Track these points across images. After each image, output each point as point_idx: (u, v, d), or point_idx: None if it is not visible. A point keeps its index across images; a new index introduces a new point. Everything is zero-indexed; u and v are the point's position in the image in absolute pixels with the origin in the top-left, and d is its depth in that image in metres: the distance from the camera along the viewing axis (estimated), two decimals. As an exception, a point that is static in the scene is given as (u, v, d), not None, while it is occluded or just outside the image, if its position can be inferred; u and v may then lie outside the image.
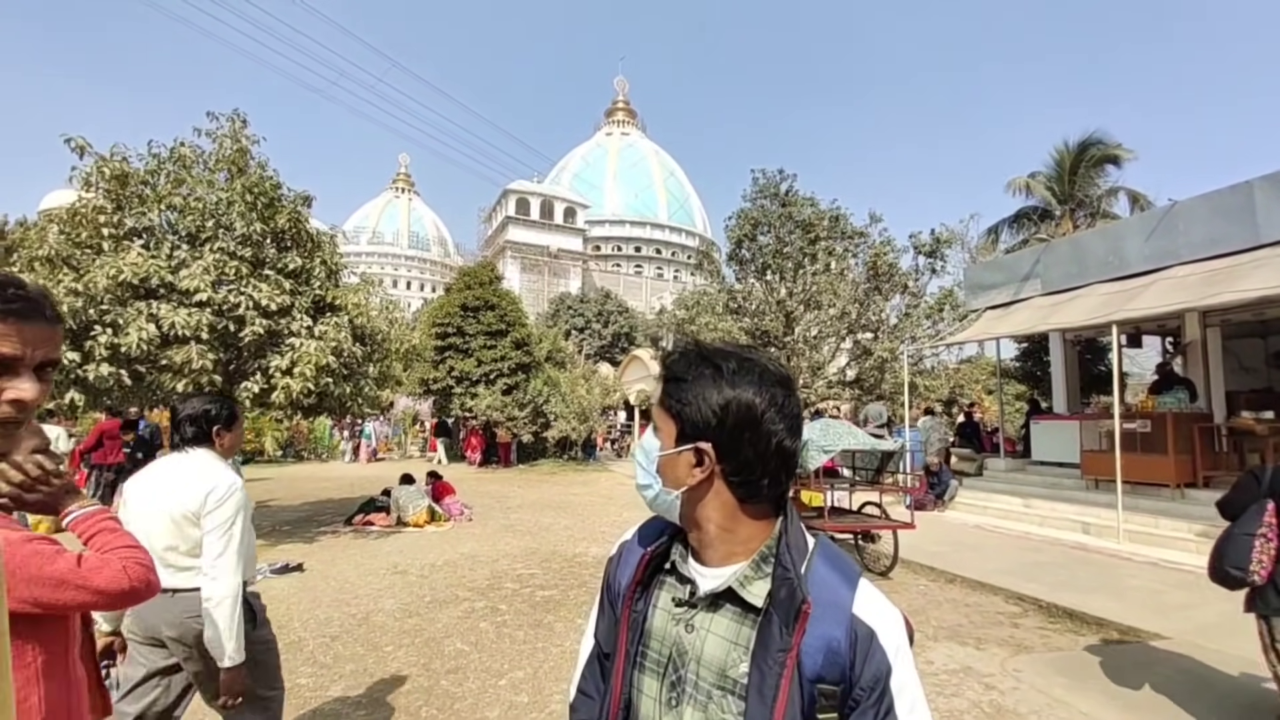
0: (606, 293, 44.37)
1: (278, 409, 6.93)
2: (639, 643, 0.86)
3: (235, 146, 6.76)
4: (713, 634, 0.80)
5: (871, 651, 0.74)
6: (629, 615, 0.87)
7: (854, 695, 0.74)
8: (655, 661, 0.84)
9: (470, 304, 18.73)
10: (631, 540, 0.96)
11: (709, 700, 0.77)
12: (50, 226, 6.31)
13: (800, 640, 0.74)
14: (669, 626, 0.83)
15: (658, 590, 0.87)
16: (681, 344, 0.88)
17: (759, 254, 17.72)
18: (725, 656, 0.78)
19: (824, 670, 0.74)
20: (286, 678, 3.76)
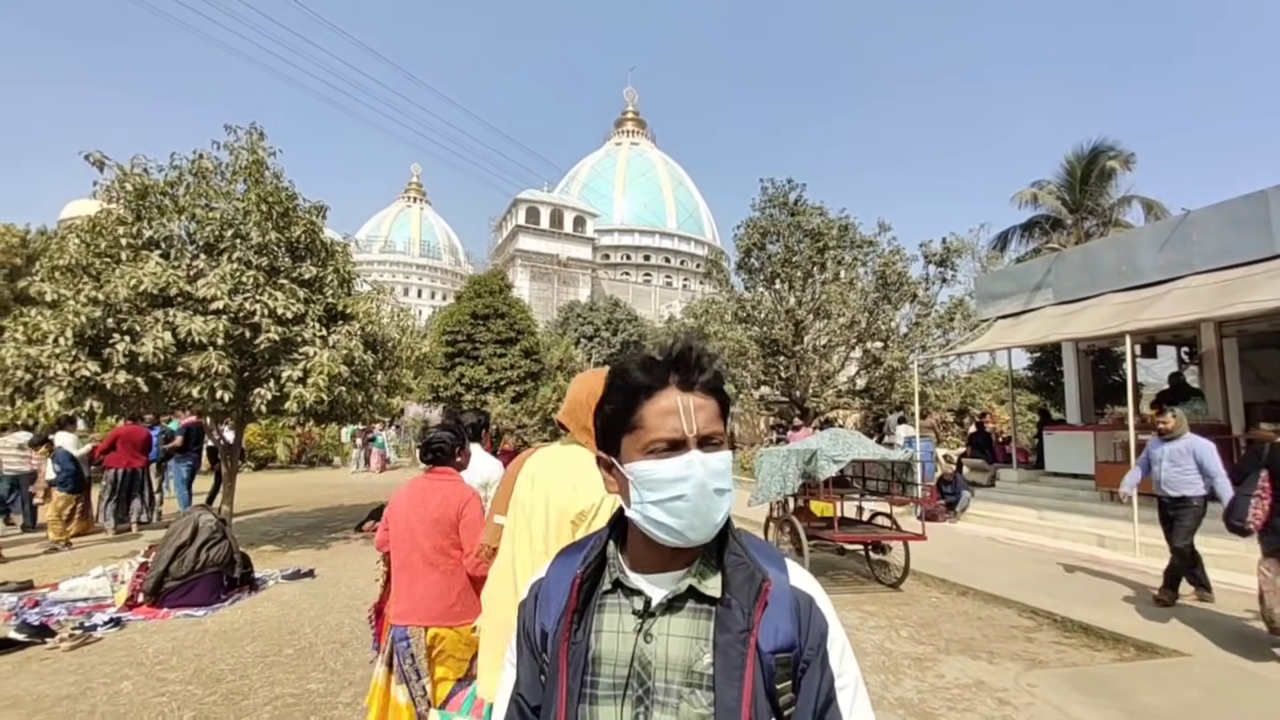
0: (616, 301, 44.46)
1: (290, 416, 7.00)
2: (583, 674, 0.81)
3: (252, 158, 6.89)
4: (673, 636, 0.80)
5: (813, 615, 0.81)
6: (568, 649, 0.82)
7: (804, 657, 0.79)
8: (610, 686, 0.80)
9: (480, 312, 18.85)
10: (547, 576, 0.91)
11: (680, 700, 0.77)
12: (70, 236, 6.44)
13: (761, 617, 0.78)
14: (622, 646, 0.81)
15: (596, 615, 0.84)
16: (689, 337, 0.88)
17: (768, 263, 17.73)
18: (688, 653, 0.79)
19: (779, 641, 0.78)
20: (297, 683, 3.81)
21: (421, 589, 2.44)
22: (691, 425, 0.80)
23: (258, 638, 4.59)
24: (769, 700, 0.77)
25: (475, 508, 2.52)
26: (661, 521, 0.79)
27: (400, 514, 2.56)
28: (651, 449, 0.80)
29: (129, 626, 4.79)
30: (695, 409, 0.80)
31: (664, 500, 0.79)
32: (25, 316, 5.96)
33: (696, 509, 0.78)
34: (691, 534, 0.79)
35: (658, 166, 71.58)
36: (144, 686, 3.73)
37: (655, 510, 0.79)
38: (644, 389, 0.82)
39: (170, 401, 6.79)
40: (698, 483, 0.78)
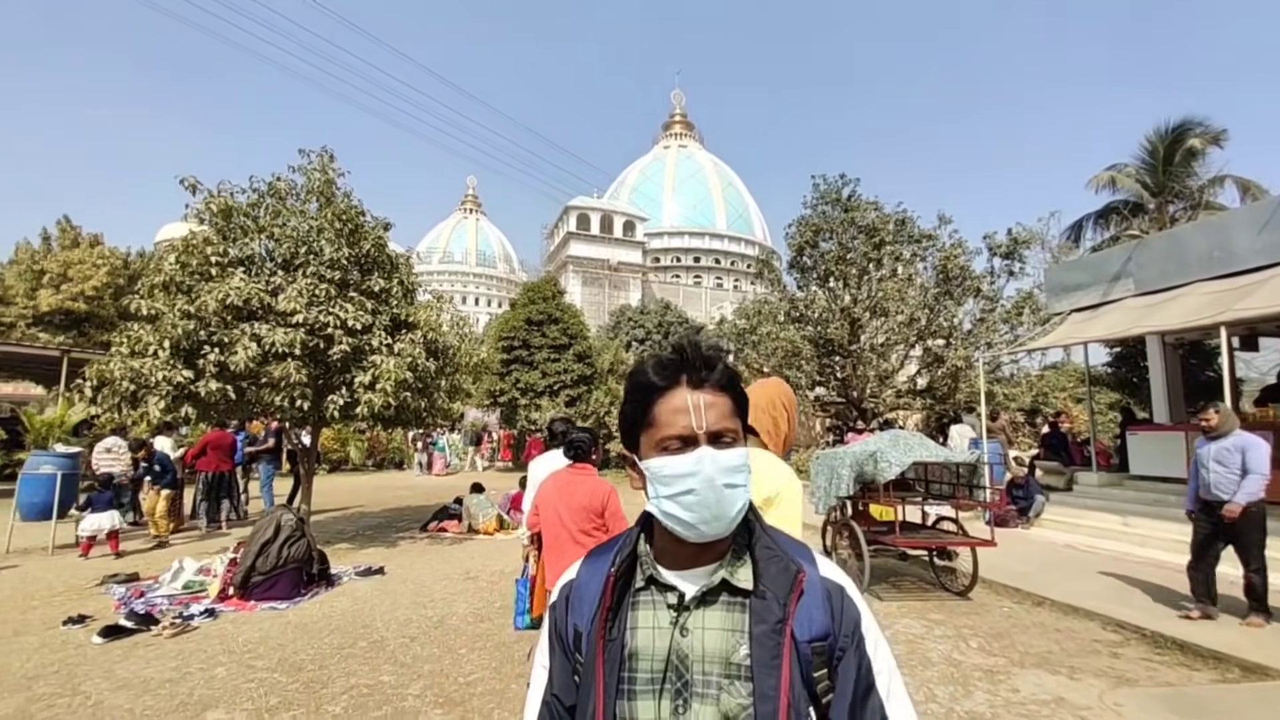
0: (666, 304, 44.49)
1: (360, 421, 7.39)
2: (619, 670, 0.83)
3: (324, 179, 7.37)
4: (709, 629, 0.82)
5: (845, 604, 0.85)
6: (604, 647, 0.84)
7: (839, 645, 0.82)
8: (648, 681, 0.82)
9: (534, 318, 19.28)
10: (577, 577, 0.93)
11: (720, 692, 0.79)
12: (166, 256, 7.05)
13: (796, 607, 0.81)
14: (658, 641, 0.83)
15: (630, 612, 0.85)
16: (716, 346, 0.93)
17: (821, 261, 17.34)
18: (725, 645, 0.81)
19: (814, 630, 0.81)
20: (370, 675, 4.01)
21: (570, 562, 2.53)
22: (701, 422, 0.83)
23: (334, 630, 4.85)
24: (806, 688, 0.79)
25: (616, 499, 3.10)
26: (675, 515, 0.83)
27: (549, 501, 3.08)
28: (664, 445, 0.84)
29: (221, 617, 5.16)
30: (705, 406, 0.83)
31: (675, 494, 0.82)
32: (129, 331, 6.56)
33: (706, 503, 0.81)
34: (704, 527, 0.82)
35: (706, 168, 71.25)
36: (235, 672, 4.02)
37: (669, 504, 0.83)
38: (657, 388, 0.86)
39: (254, 408, 7.31)
40: (706, 478, 0.81)
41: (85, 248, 20.65)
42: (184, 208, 7.04)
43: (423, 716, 3.45)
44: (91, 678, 3.87)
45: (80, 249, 20.53)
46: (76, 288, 19.50)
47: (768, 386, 2.01)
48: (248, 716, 3.40)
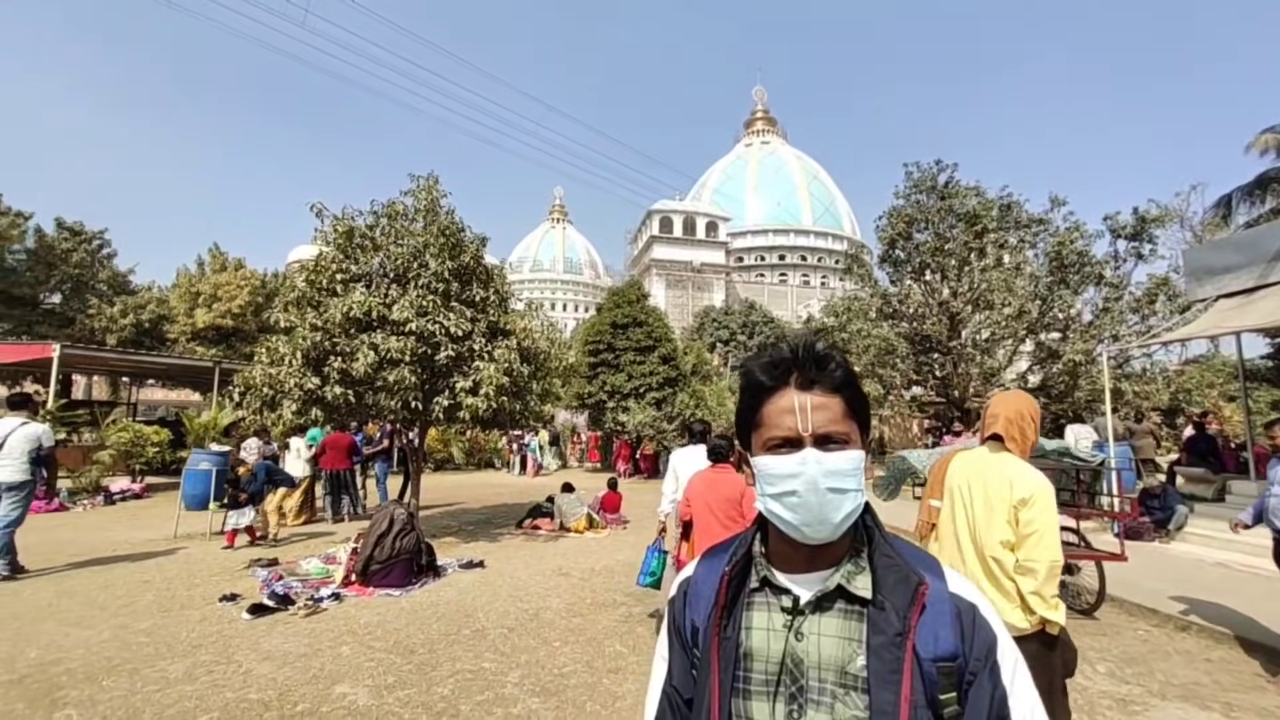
0: (751, 304, 43.81)
1: (462, 423, 7.91)
2: (735, 669, 0.83)
3: (430, 199, 8.04)
4: (824, 636, 0.81)
5: (977, 624, 0.80)
6: (719, 644, 0.85)
7: (970, 669, 0.78)
8: (763, 682, 0.82)
9: (620, 322, 19.63)
10: (695, 574, 0.95)
11: (834, 700, 0.78)
12: (296, 275, 7.92)
13: (917, 622, 0.78)
14: (773, 643, 0.83)
15: (745, 612, 0.86)
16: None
17: (916, 253, 16.39)
18: (841, 654, 0.79)
19: (939, 649, 0.78)
20: (474, 661, 4.28)
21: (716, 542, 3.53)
22: (806, 424, 0.82)
23: (441, 618, 5.21)
24: (931, 709, 0.76)
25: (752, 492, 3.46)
26: (779, 515, 0.83)
27: (699, 494, 3.90)
28: (770, 445, 0.85)
29: (345, 601, 5.69)
30: (813, 408, 0.82)
31: (779, 494, 0.82)
32: (268, 343, 7.44)
33: (809, 505, 0.80)
34: (808, 530, 0.81)
35: (790, 163, 69.42)
36: (358, 651, 4.43)
37: (773, 504, 0.84)
38: (765, 387, 0.87)
39: (371, 411, 8.03)
40: (809, 480, 0.80)
41: (231, 271, 23.56)
42: (313, 231, 7.93)
43: (521, 704, 3.63)
44: (242, 649, 4.41)
45: (227, 272, 23.45)
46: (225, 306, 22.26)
47: (1014, 398, 2.30)
48: (369, 692, 3.74)
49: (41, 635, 4.56)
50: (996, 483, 2.16)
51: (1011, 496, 2.10)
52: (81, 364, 17.07)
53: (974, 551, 2.21)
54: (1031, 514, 2.04)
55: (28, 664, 4.03)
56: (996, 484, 2.16)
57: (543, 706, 3.61)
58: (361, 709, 3.51)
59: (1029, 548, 2.06)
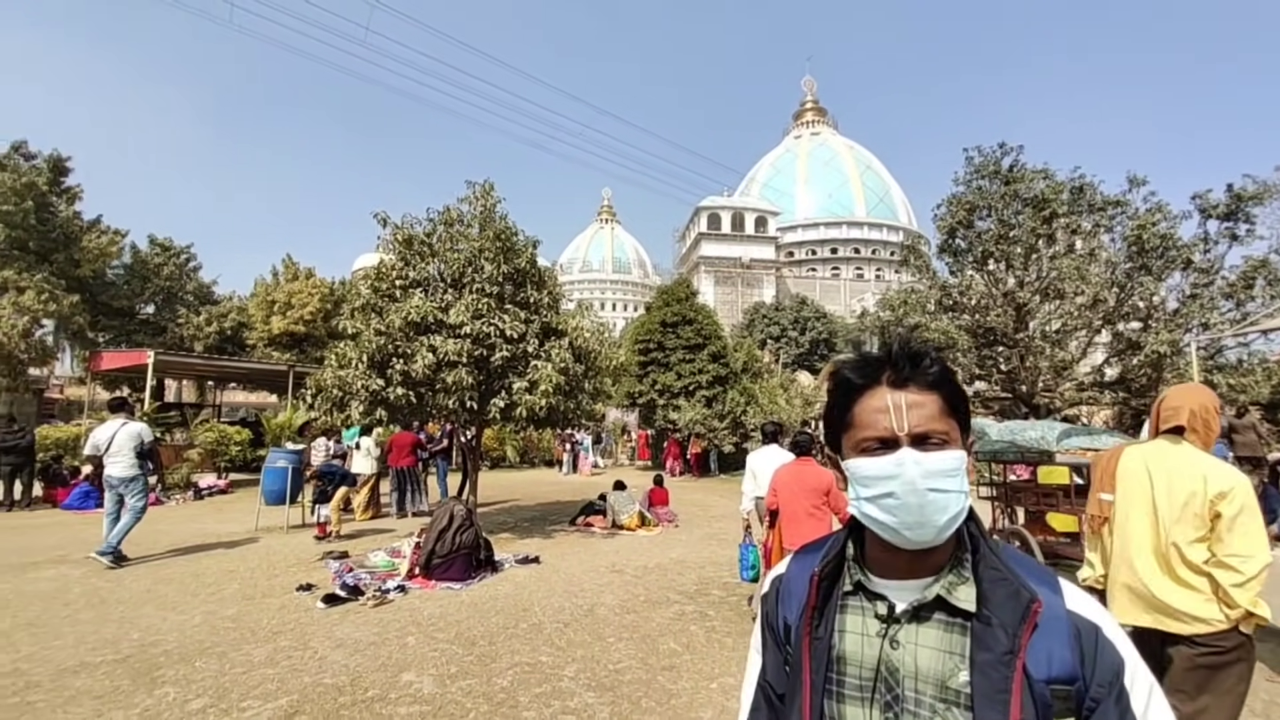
0: (802, 299, 42.93)
1: (517, 422, 8.14)
2: (828, 670, 0.82)
3: (484, 205, 8.33)
4: (922, 647, 0.78)
5: (1100, 646, 0.75)
6: (810, 644, 0.83)
7: (1091, 694, 0.73)
8: (857, 687, 0.80)
9: (669, 320, 19.64)
10: (787, 571, 0.94)
11: (934, 714, 0.75)
12: (361, 283, 8.35)
13: (1029, 641, 0.74)
14: (867, 649, 0.81)
15: (838, 615, 0.84)
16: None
17: (977, 242, 15.66)
18: (941, 667, 0.76)
19: (1053, 670, 0.73)
20: (531, 654, 4.40)
21: (802, 529, 4.19)
22: (902, 423, 0.79)
23: (499, 612, 5.38)
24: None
25: (835, 482, 4.24)
26: (876, 518, 0.80)
27: (787, 485, 4.31)
28: (864, 446, 0.82)
29: (410, 593, 5.94)
30: (908, 406, 0.79)
31: (875, 497, 0.79)
32: (336, 347, 7.88)
33: (908, 507, 0.77)
34: (909, 533, 0.78)
35: (841, 153, 67.56)
36: (422, 641, 4.62)
37: (869, 506, 0.80)
38: (857, 387, 0.84)
39: (431, 410, 8.37)
40: (908, 481, 0.77)
41: (302, 280, 25.00)
42: (376, 239, 8.35)
43: (577, 698, 3.70)
44: (317, 636, 4.68)
45: (299, 281, 24.90)
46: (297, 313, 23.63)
47: (1196, 391, 2.31)
48: (434, 681, 3.91)
49: (142, 619, 4.99)
50: (1187, 476, 2.14)
51: (1207, 490, 2.07)
52: (173, 369, 18.50)
53: (1152, 545, 2.20)
54: (1233, 508, 2.02)
55: (131, 645, 4.42)
56: (1187, 477, 2.14)
57: (598, 701, 3.67)
58: (427, 697, 3.67)
59: (1233, 542, 2.03)
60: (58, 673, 3.91)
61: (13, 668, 3.98)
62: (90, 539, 8.14)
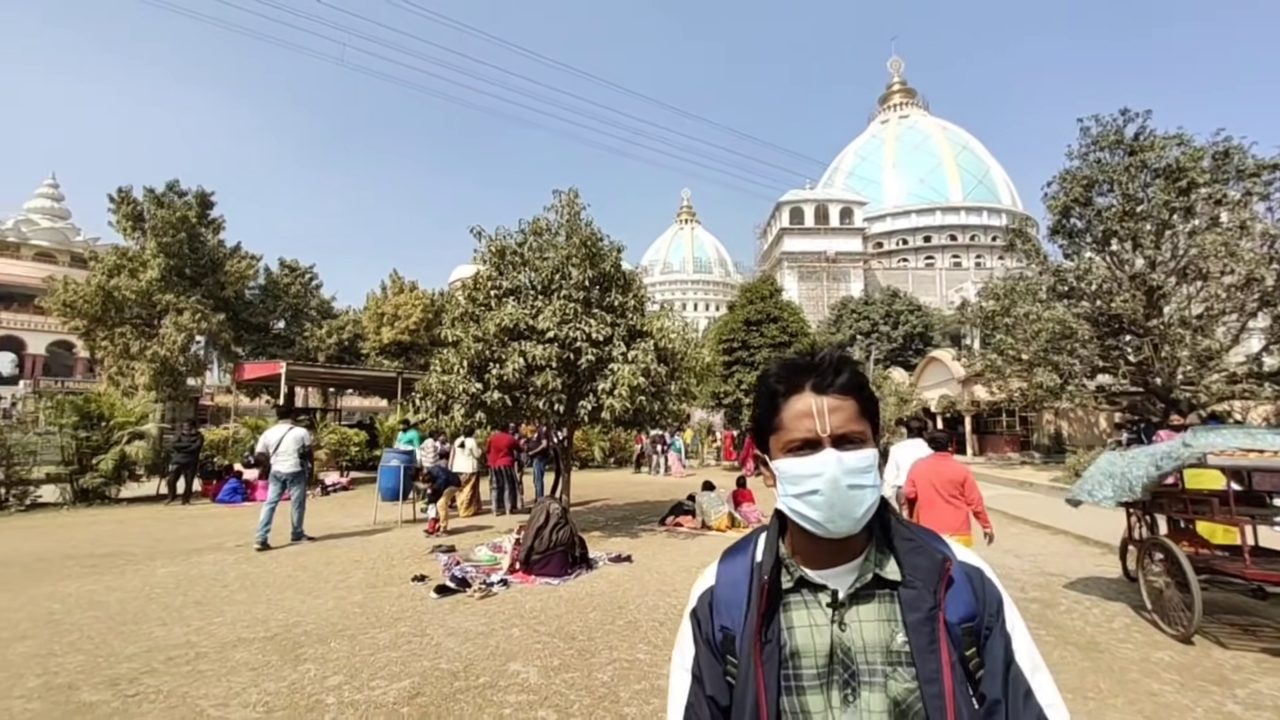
0: (894, 292, 40.75)
1: (604, 423, 8.35)
2: (782, 669, 0.86)
3: (570, 213, 8.63)
4: (865, 621, 0.87)
5: (985, 585, 0.90)
6: (761, 649, 0.87)
7: (985, 624, 0.87)
8: (814, 677, 0.86)
9: (753, 319, 19.36)
10: (716, 582, 0.96)
11: (886, 678, 0.84)
12: (458, 293, 8.90)
13: (946, 594, 0.86)
14: (818, 638, 0.87)
15: (784, 614, 0.89)
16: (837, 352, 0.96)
17: (1097, 220, 14.23)
18: (883, 635, 0.86)
19: (961, 613, 0.86)
20: (629, 651, 4.49)
21: (940, 515, 4.61)
22: (825, 426, 0.87)
23: (596, 608, 5.53)
24: (963, 666, 0.84)
25: (971, 475, 4.80)
26: (803, 513, 0.87)
27: (925, 476, 4.80)
28: (790, 447, 0.89)
29: (512, 587, 6.24)
30: (829, 411, 0.88)
31: (802, 494, 0.87)
32: (440, 354, 8.45)
33: (832, 503, 0.85)
34: (832, 525, 0.86)
35: (934, 135, 63.53)
36: (526, 634, 4.85)
37: (796, 503, 0.88)
38: (782, 393, 0.92)
39: (525, 413, 8.77)
40: (831, 478, 0.85)
41: (407, 292, 27.03)
42: (473, 251, 8.92)
43: (677, 695, 3.75)
44: (432, 624, 5.03)
45: (404, 294, 26.95)
46: (403, 324, 25.63)
47: None
48: (538, 672, 4.09)
49: (285, 601, 5.59)
50: None
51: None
52: (301, 378, 20.54)
53: None
54: None
55: (277, 624, 4.96)
56: None
57: (697, 700, 3.69)
58: (533, 686, 3.85)
59: None
60: (220, 646, 4.47)
61: (185, 639, 4.60)
62: (239, 529, 9.23)
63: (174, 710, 3.46)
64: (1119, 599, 5.73)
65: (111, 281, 20.70)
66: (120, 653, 4.32)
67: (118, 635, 4.68)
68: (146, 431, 12.38)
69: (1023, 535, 9.11)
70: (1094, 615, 5.32)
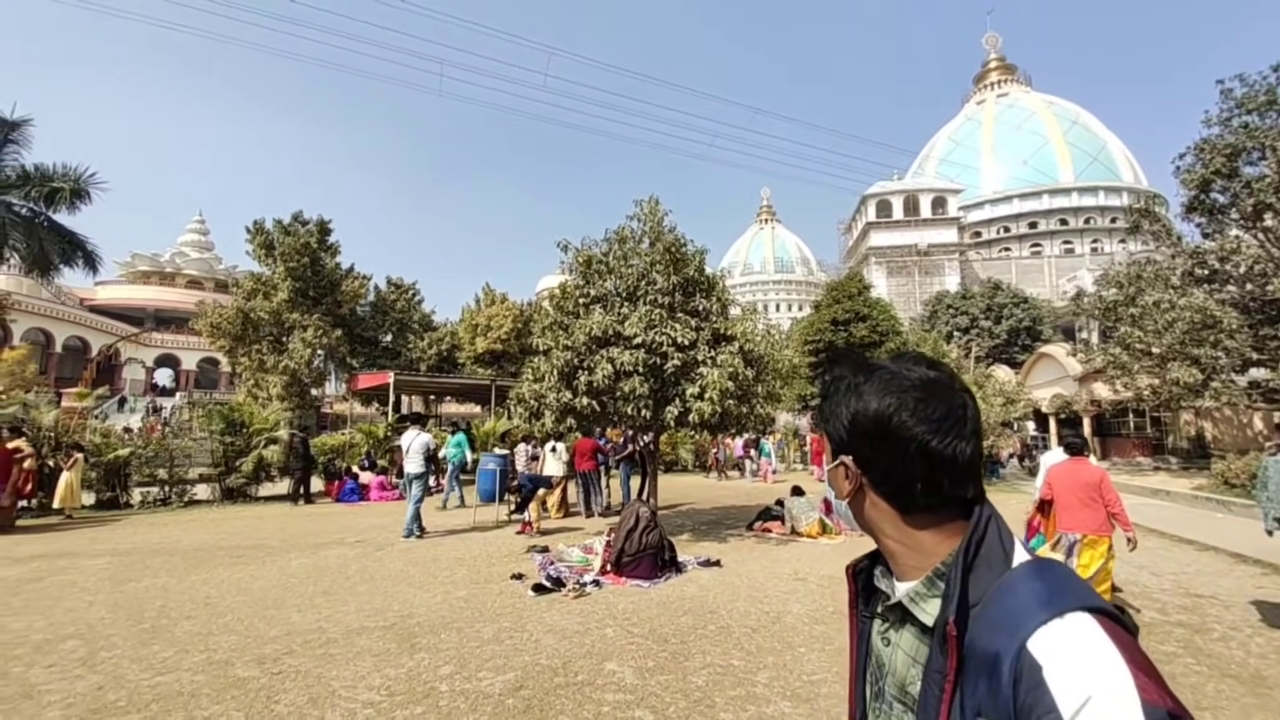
0: (995, 284, 37.81)
1: (691, 427, 8.37)
2: (865, 658, 0.89)
3: (653, 219, 8.80)
4: (899, 649, 0.81)
5: (1030, 689, 0.60)
6: (856, 628, 0.91)
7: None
8: (873, 676, 0.87)
9: (840, 318, 18.70)
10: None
11: (891, 712, 0.81)
12: (547, 303, 9.27)
13: (955, 665, 0.68)
14: (876, 640, 0.87)
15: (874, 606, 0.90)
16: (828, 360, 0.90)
17: (1245, 193, 12.54)
18: (906, 672, 0.79)
19: (983, 702, 0.64)
20: (722, 656, 4.48)
21: (1077, 516, 4.98)
22: None
23: (687, 612, 5.55)
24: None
25: (1108, 477, 5.08)
26: None
27: (1063, 479, 5.12)
28: None
29: (604, 588, 6.39)
30: None
31: None
32: (532, 362, 8.85)
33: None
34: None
35: (1038, 112, 58.53)
36: (619, 634, 4.95)
37: None
38: None
39: (612, 418, 8.98)
40: None
41: (499, 304, 28.48)
42: (559, 263, 9.26)
43: (773, 705, 3.68)
44: (530, 621, 5.26)
45: (496, 305, 28.42)
46: (495, 334, 26.99)
47: None
48: (634, 672, 4.17)
49: (400, 594, 6.05)
50: None
51: None
52: (406, 387, 22.15)
53: None
54: None
55: (394, 615, 5.38)
56: None
57: (795, 711, 3.61)
58: (629, 686, 3.93)
59: None
60: (347, 632, 4.92)
61: (317, 625, 5.10)
62: (357, 526, 10.09)
63: (311, 689, 3.85)
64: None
65: (249, 304, 23.37)
66: (265, 634, 4.86)
67: (262, 619, 5.26)
68: (279, 437, 13.81)
69: (1161, 550, 8.17)
70: (1257, 645, 4.68)
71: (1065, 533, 5.03)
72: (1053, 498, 5.14)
